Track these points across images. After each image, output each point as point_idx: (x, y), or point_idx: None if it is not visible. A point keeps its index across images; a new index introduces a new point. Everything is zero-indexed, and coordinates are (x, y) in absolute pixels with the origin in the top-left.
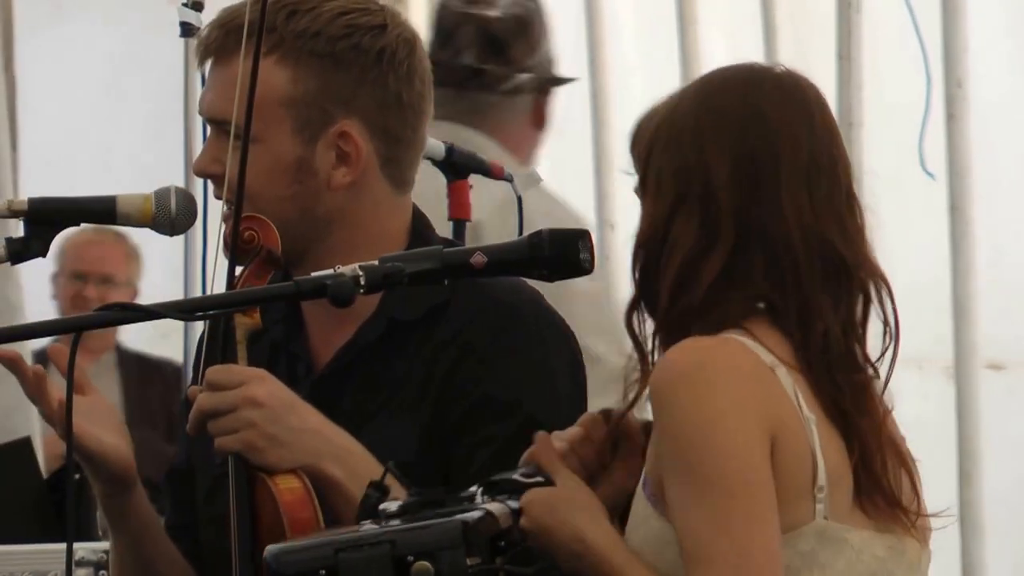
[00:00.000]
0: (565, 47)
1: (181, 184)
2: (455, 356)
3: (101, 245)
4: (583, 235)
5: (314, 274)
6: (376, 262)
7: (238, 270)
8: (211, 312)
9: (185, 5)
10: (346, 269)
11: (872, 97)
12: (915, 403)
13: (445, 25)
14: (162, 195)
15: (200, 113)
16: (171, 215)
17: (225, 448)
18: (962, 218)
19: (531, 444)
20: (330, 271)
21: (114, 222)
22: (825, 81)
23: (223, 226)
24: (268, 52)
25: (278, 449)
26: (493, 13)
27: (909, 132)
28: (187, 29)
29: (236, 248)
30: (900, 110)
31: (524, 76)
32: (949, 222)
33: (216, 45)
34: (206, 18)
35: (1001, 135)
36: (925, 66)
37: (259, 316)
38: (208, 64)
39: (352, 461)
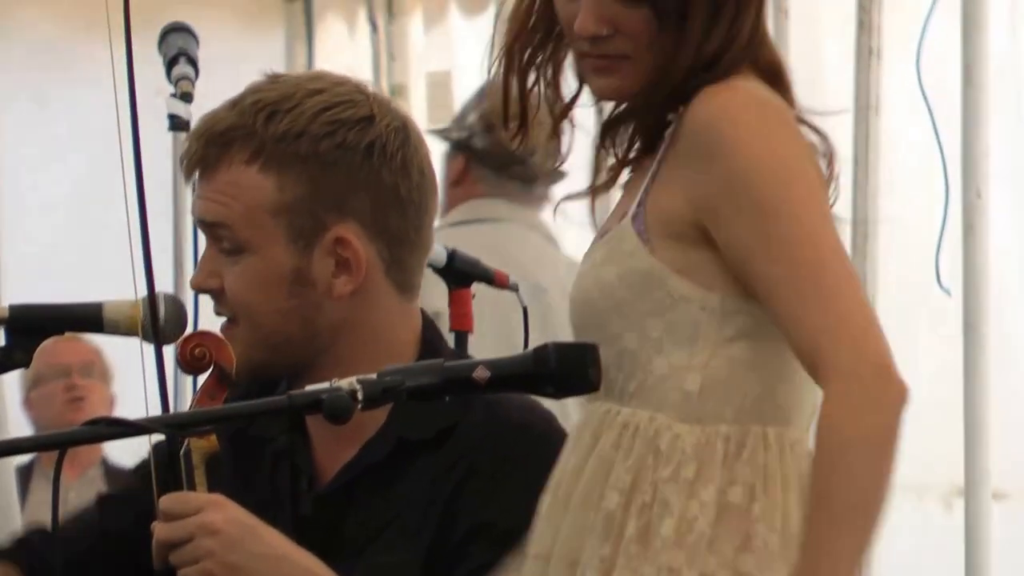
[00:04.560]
0: None
1: (170, 287)
2: (460, 478)
3: (67, 341)
4: (591, 349)
5: (309, 387)
6: (374, 375)
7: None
8: (202, 428)
9: (173, 96)
10: (343, 382)
11: (889, 205)
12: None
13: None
14: None
15: (194, 220)
16: (159, 323)
17: None
18: (977, 336)
19: None
20: (326, 384)
21: (101, 330)
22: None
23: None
24: (250, 160)
25: None
26: None
27: (926, 243)
28: (176, 122)
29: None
30: (917, 219)
31: None
32: (963, 339)
33: (198, 157)
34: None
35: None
36: (944, 172)
37: (216, 439)
38: (195, 176)
39: None
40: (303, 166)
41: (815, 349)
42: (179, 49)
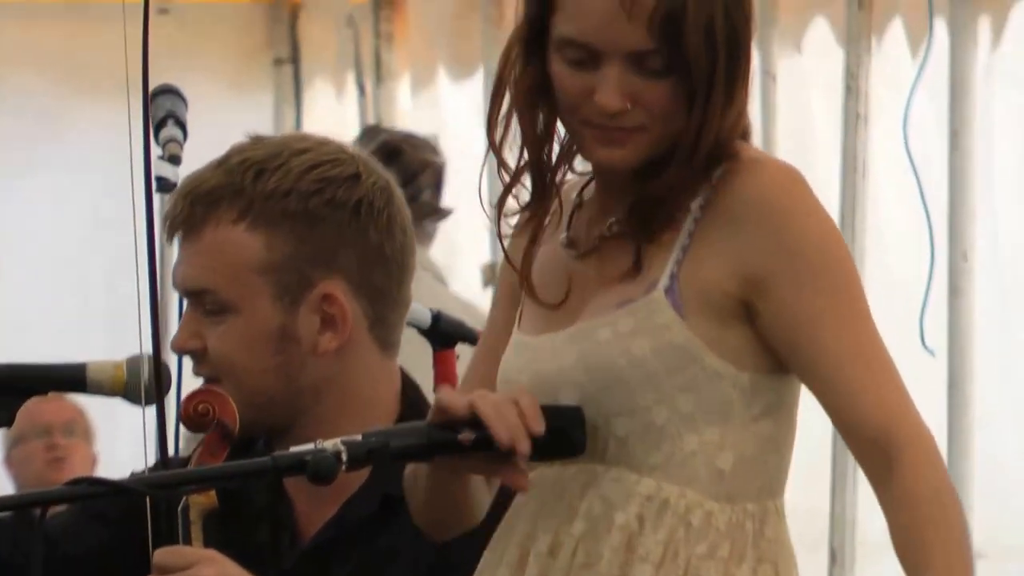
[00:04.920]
0: None
1: None
2: None
3: (49, 400)
4: (577, 411)
5: (293, 449)
6: (359, 437)
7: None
8: (185, 488)
9: (161, 159)
10: (328, 444)
11: (874, 267)
12: None
13: (409, 167)
14: (134, 363)
15: (175, 287)
16: (143, 384)
17: None
18: (961, 397)
19: None
20: (310, 446)
21: (84, 390)
22: None
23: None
24: (238, 218)
25: None
26: (439, 160)
27: (911, 304)
28: (163, 184)
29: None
30: (902, 281)
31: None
32: (947, 400)
33: (183, 217)
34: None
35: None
36: (930, 235)
37: (215, 496)
38: (177, 238)
39: None
40: (292, 223)
41: (888, 419)
42: (168, 111)
